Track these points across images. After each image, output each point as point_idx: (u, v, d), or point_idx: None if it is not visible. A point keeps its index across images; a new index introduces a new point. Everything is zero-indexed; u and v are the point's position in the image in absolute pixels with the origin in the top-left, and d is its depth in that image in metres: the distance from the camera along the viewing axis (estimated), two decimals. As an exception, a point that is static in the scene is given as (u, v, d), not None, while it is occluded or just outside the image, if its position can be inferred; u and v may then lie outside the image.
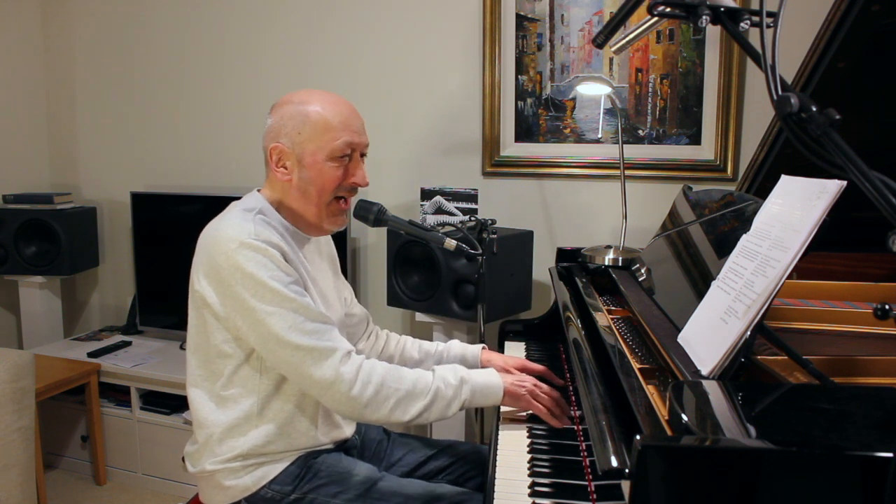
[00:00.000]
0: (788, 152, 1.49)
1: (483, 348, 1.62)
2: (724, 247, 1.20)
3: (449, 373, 1.35)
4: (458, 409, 1.33)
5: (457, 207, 2.40)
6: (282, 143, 1.34)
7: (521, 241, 2.33)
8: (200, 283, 1.30)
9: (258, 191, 1.41)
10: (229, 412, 1.33)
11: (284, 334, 1.23)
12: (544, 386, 1.40)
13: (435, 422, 1.35)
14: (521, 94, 2.53)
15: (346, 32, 2.75)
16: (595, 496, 1.09)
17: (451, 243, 1.54)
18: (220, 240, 1.26)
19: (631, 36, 1.37)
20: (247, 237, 1.25)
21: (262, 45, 2.88)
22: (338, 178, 1.35)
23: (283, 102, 1.37)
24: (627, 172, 2.29)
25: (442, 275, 2.19)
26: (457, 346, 1.64)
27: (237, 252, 1.24)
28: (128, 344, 2.96)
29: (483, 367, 1.58)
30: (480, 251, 1.61)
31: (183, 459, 1.43)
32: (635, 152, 2.41)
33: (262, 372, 1.32)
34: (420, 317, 2.36)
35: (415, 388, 1.30)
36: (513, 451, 1.26)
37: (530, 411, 1.38)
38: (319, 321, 1.27)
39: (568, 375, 1.60)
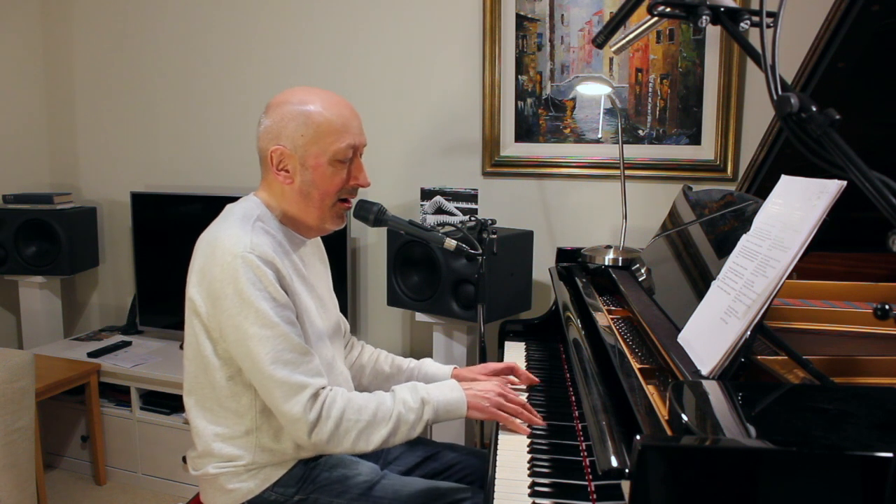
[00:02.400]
0: (788, 152, 1.49)
1: (454, 369, 1.59)
2: (724, 247, 1.20)
3: (409, 395, 1.32)
4: (423, 429, 1.32)
5: (457, 207, 2.40)
6: (283, 145, 1.31)
7: (521, 241, 2.33)
8: (192, 290, 1.29)
9: (254, 194, 1.40)
10: (227, 425, 1.32)
11: (261, 361, 1.23)
12: (511, 394, 1.37)
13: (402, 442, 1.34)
14: (521, 94, 2.53)
15: (346, 33, 2.75)
16: (595, 496, 1.09)
17: (451, 243, 1.54)
18: (217, 250, 1.25)
19: (631, 36, 1.37)
20: (243, 250, 1.23)
21: (263, 44, 2.88)
22: (341, 181, 1.34)
23: (281, 102, 1.34)
24: (627, 172, 2.29)
25: (442, 275, 2.19)
26: (428, 365, 1.62)
27: (232, 265, 1.23)
28: (128, 344, 2.96)
29: None
30: (480, 251, 1.61)
31: (184, 460, 1.43)
32: (635, 152, 2.41)
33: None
34: (420, 317, 2.36)
35: (375, 417, 1.28)
36: (513, 451, 1.26)
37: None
38: (298, 351, 1.25)
39: (568, 376, 1.60)
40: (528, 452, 1.25)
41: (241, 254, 1.23)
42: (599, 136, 2.47)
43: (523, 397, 1.42)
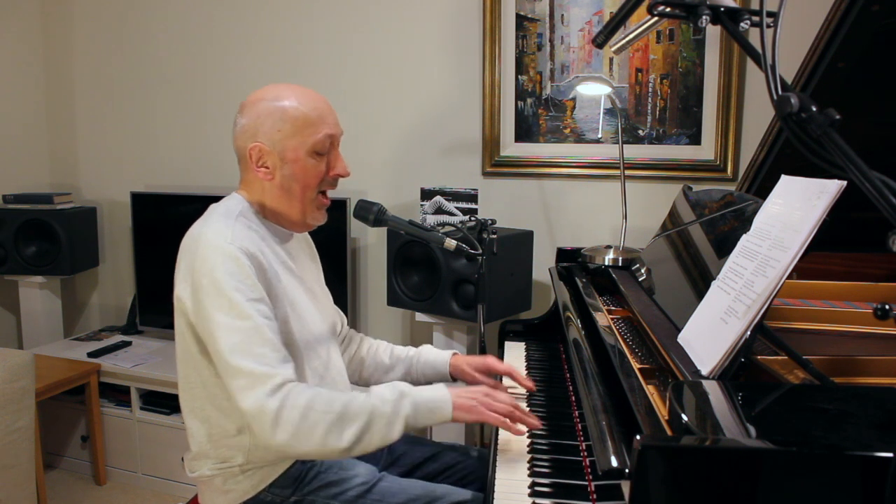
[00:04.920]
0: (788, 152, 1.49)
1: (454, 354, 1.58)
2: (724, 247, 1.20)
3: (386, 389, 1.24)
4: (403, 429, 1.21)
5: (457, 207, 2.40)
6: (260, 142, 1.32)
7: (521, 241, 2.33)
8: (179, 287, 1.28)
9: (236, 192, 1.40)
10: (219, 425, 1.32)
11: (225, 350, 1.18)
12: (499, 394, 1.29)
13: (379, 448, 1.21)
14: (521, 94, 2.53)
15: (345, 33, 2.75)
16: (595, 496, 1.09)
17: (451, 243, 1.54)
18: (200, 245, 1.25)
19: (631, 36, 1.37)
20: (223, 242, 1.23)
21: (262, 44, 2.88)
22: (321, 173, 1.35)
23: (255, 100, 1.35)
24: (627, 172, 2.29)
25: (442, 275, 2.19)
26: (428, 351, 1.61)
27: (212, 257, 1.22)
28: (128, 344, 2.96)
29: (451, 372, 1.57)
30: (480, 251, 1.61)
31: (183, 460, 1.43)
32: (635, 152, 2.41)
33: None
34: (420, 317, 2.36)
35: (347, 409, 1.18)
36: (513, 451, 1.26)
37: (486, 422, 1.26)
38: (269, 346, 1.20)
39: (568, 376, 1.60)
40: (528, 452, 1.25)
41: (221, 245, 1.23)
42: (599, 136, 2.47)
43: (523, 405, 1.41)
